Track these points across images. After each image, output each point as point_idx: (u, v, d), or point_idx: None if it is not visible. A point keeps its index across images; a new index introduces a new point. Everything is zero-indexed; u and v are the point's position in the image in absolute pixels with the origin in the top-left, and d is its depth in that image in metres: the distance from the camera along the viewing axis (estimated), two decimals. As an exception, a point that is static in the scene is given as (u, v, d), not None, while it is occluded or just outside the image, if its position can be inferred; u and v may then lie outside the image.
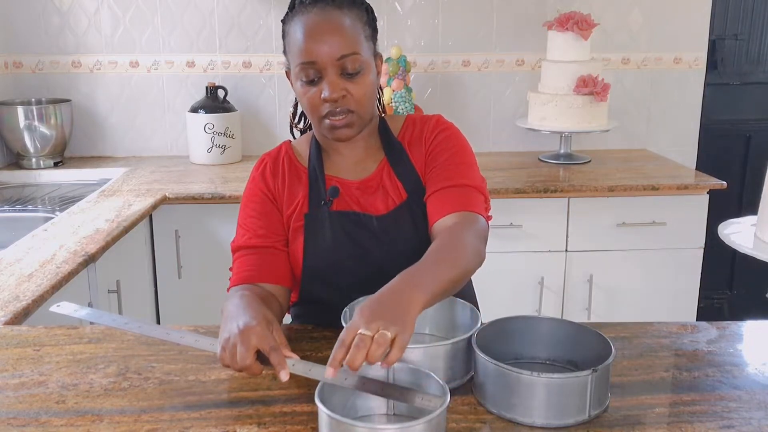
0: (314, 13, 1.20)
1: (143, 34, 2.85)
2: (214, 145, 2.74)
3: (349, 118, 1.22)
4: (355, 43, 1.20)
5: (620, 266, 2.52)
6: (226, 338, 1.03)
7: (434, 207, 1.26)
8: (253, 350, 1.00)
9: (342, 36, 1.19)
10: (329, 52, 1.18)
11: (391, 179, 1.31)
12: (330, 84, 1.19)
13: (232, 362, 1.01)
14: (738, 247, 1.29)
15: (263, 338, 1.01)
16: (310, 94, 1.22)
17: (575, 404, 0.94)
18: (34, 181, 2.68)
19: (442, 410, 0.86)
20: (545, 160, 2.80)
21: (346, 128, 1.23)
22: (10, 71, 2.86)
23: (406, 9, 2.88)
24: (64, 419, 0.98)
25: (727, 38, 3.18)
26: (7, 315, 1.38)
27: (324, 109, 1.22)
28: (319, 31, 1.19)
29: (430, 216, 1.26)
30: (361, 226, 1.28)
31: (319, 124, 1.25)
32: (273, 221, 1.31)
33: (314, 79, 1.21)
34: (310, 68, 1.20)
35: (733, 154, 3.29)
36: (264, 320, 1.05)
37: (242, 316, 1.05)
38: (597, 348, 1.02)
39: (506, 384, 0.95)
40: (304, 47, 1.19)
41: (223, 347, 1.02)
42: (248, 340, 1.00)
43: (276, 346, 1.00)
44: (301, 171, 1.34)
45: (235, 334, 1.02)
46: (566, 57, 2.70)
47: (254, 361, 1.00)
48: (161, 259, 2.42)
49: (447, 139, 1.33)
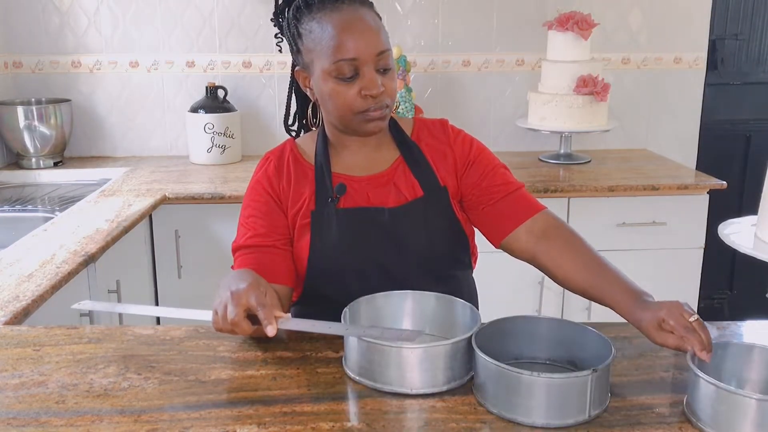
0: (347, 11, 1.21)
1: (143, 34, 2.85)
2: (214, 145, 2.74)
3: (384, 111, 1.24)
4: (387, 39, 1.24)
5: (620, 266, 2.50)
6: (218, 302, 1.08)
7: (505, 216, 1.30)
8: (243, 308, 1.06)
9: (378, 32, 1.22)
10: (368, 48, 1.20)
11: (406, 177, 1.32)
12: (371, 81, 1.20)
13: (224, 323, 1.07)
14: (738, 247, 1.29)
15: (253, 296, 1.06)
16: (346, 91, 1.21)
17: (575, 404, 0.94)
18: (34, 181, 2.68)
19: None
20: (545, 160, 2.80)
21: (381, 121, 1.25)
22: (10, 71, 2.86)
23: (406, 9, 2.88)
24: (64, 419, 0.98)
25: (727, 38, 3.18)
26: (7, 315, 1.38)
27: (364, 105, 1.22)
28: (359, 28, 1.20)
29: (502, 224, 1.30)
30: (370, 222, 1.28)
31: (351, 120, 1.25)
32: (275, 221, 1.30)
33: (351, 75, 1.21)
34: (348, 65, 1.20)
35: (733, 154, 3.29)
36: (255, 282, 1.10)
37: (234, 284, 1.10)
38: (597, 348, 1.02)
39: (506, 384, 0.95)
40: (342, 44, 1.19)
41: (215, 311, 1.08)
42: (238, 299, 1.06)
43: (265, 303, 1.06)
44: (307, 168, 1.33)
45: (226, 296, 1.07)
46: (566, 57, 2.70)
47: (243, 318, 1.06)
48: (161, 259, 2.42)
49: (474, 144, 1.37)
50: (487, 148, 1.38)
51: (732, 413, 0.90)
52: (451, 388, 1.04)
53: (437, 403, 1.01)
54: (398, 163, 1.33)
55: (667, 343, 1.02)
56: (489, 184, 1.32)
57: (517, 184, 1.34)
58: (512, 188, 1.32)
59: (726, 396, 0.90)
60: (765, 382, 1.00)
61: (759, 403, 0.88)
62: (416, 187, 1.31)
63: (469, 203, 1.34)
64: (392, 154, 1.34)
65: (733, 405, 0.90)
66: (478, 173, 1.33)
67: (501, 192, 1.31)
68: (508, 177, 1.34)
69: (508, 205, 1.31)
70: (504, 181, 1.33)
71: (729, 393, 0.90)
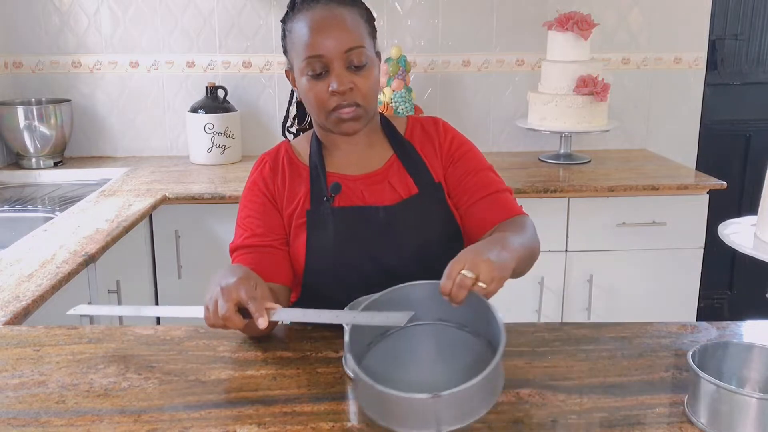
0: (319, 9, 1.22)
1: (143, 34, 2.85)
2: (214, 145, 2.74)
3: (356, 111, 1.24)
4: (360, 37, 1.23)
5: (620, 266, 2.52)
6: (208, 297, 1.08)
7: (482, 216, 1.30)
8: (233, 302, 1.05)
9: (348, 30, 1.21)
10: (336, 45, 1.20)
11: (401, 175, 1.32)
12: (338, 77, 1.21)
13: (215, 318, 1.06)
14: (738, 247, 1.29)
15: (243, 290, 1.05)
16: (317, 88, 1.23)
17: (420, 422, 0.86)
18: (34, 181, 2.68)
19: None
20: (545, 160, 2.80)
21: (353, 121, 1.25)
22: (10, 71, 2.86)
23: (406, 9, 2.88)
24: (64, 419, 0.98)
25: (727, 38, 3.18)
26: (7, 315, 1.38)
27: (332, 102, 1.23)
28: (326, 25, 1.21)
29: (479, 225, 1.30)
30: (366, 220, 1.29)
31: (325, 119, 1.26)
32: (272, 221, 1.31)
33: (321, 72, 1.22)
34: (317, 62, 1.21)
35: (733, 154, 3.29)
36: (245, 276, 1.09)
37: (224, 278, 1.09)
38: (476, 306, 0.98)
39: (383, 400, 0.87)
40: (310, 41, 1.21)
41: (206, 306, 1.08)
42: (228, 293, 1.05)
43: (255, 296, 1.05)
44: (302, 169, 1.34)
45: (216, 291, 1.07)
46: (566, 57, 2.70)
47: (234, 312, 1.05)
48: (161, 259, 2.42)
49: (463, 144, 1.37)
50: (478, 151, 1.38)
51: (732, 413, 0.90)
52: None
53: (437, 403, 1.00)
54: (392, 161, 1.34)
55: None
56: (469, 184, 1.32)
57: (498, 187, 1.33)
58: (491, 190, 1.32)
59: (726, 395, 0.90)
60: (765, 382, 1.00)
61: (759, 402, 0.88)
62: (411, 184, 1.32)
63: (452, 200, 1.34)
64: (386, 153, 1.35)
65: (734, 404, 0.90)
66: (460, 172, 1.33)
67: (480, 193, 1.31)
68: (491, 179, 1.34)
69: (485, 207, 1.31)
70: (485, 183, 1.33)
71: (729, 392, 0.90)
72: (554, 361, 1.14)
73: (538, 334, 1.24)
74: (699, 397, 0.94)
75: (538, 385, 1.06)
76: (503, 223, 1.28)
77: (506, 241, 1.10)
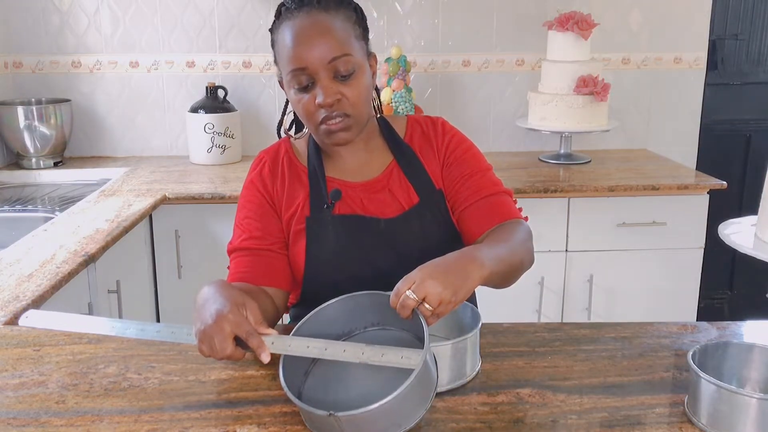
0: (300, 18, 1.18)
1: (143, 34, 2.85)
2: (214, 145, 2.74)
3: (345, 121, 1.21)
4: (346, 44, 1.18)
5: (620, 266, 2.52)
6: (200, 330, 1.01)
7: (475, 220, 1.27)
8: (230, 338, 0.99)
9: (331, 38, 1.17)
10: (319, 56, 1.16)
11: (401, 182, 1.30)
12: (324, 89, 1.17)
13: (213, 353, 1.00)
14: (738, 247, 1.29)
15: (238, 324, 1.00)
16: (304, 101, 1.20)
17: None
18: (34, 181, 2.68)
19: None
20: (545, 160, 2.80)
21: (343, 132, 1.22)
22: (10, 71, 2.86)
23: (406, 9, 2.88)
24: (64, 419, 0.98)
25: (727, 38, 3.18)
26: (7, 315, 1.38)
27: (320, 114, 1.20)
28: (307, 36, 1.17)
29: (472, 230, 1.27)
30: (366, 230, 1.27)
31: (316, 131, 1.23)
32: (270, 223, 1.30)
33: (307, 85, 1.19)
34: (301, 74, 1.18)
35: (733, 154, 3.29)
36: (235, 305, 1.02)
37: (213, 304, 1.03)
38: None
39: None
40: (293, 54, 1.17)
41: (200, 340, 1.01)
42: (223, 329, 0.99)
43: (251, 330, 1.00)
44: (301, 171, 1.33)
45: (209, 324, 1.00)
46: (566, 57, 2.70)
47: (234, 348, 1.00)
48: (161, 259, 2.42)
49: (461, 145, 1.34)
50: (477, 150, 1.35)
51: (733, 413, 0.90)
52: (451, 388, 1.04)
53: (437, 403, 1.00)
54: (392, 167, 1.32)
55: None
56: (464, 187, 1.30)
57: (493, 189, 1.30)
58: (485, 193, 1.29)
59: (727, 395, 0.90)
60: (765, 382, 1.00)
61: (760, 402, 0.88)
62: (411, 192, 1.30)
63: (448, 203, 1.32)
64: (385, 159, 1.33)
65: (734, 404, 0.90)
66: (455, 174, 1.31)
67: (473, 197, 1.29)
68: (486, 181, 1.31)
69: (477, 212, 1.28)
70: (479, 186, 1.29)
71: (730, 392, 0.90)
72: (554, 361, 1.14)
73: (538, 334, 1.24)
74: (699, 397, 0.94)
75: (538, 385, 1.06)
76: (493, 229, 1.25)
77: (478, 256, 1.05)
